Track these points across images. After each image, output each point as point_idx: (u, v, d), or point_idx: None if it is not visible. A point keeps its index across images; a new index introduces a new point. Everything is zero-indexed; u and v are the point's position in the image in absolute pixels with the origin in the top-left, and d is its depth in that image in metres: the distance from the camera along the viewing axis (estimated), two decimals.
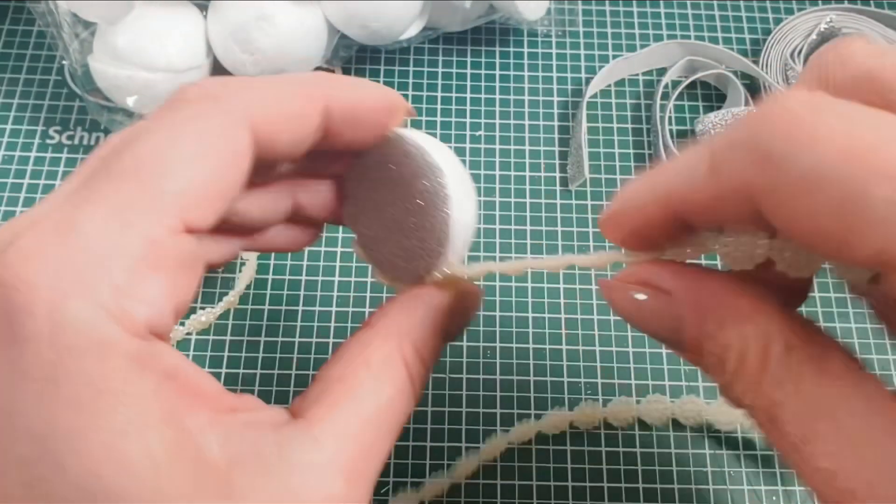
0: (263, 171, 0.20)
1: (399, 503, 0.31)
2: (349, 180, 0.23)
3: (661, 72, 0.42)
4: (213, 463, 0.16)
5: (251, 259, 0.35)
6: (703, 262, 0.19)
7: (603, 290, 0.19)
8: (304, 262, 0.36)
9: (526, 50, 0.42)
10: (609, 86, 0.42)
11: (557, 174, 0.39)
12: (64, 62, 0.37)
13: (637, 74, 0.42)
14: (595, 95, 0.41)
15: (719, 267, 0.19)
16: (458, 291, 0.21)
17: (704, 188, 0.16)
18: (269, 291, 0.36)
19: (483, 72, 0.42)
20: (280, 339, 0.35)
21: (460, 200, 0.20)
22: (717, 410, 0.33)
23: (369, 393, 0.18)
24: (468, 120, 0.40)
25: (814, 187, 0.13)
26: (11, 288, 0.15)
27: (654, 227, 0.18)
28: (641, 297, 0.18)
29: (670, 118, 0.40)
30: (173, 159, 0.17)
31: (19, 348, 0.15)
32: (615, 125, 0.41)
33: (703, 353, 0.17)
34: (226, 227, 0.20)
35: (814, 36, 0.41)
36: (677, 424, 0.33)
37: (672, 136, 0.40)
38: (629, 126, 0.41)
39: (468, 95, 0.41)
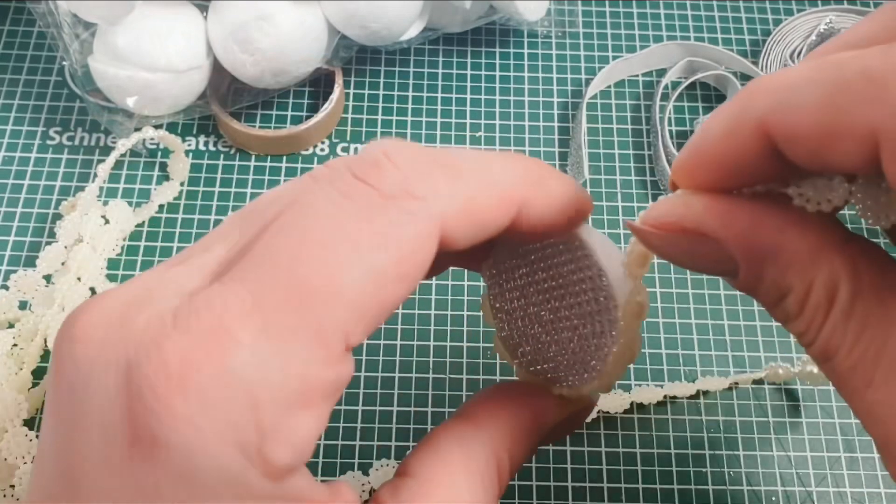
0: None
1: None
2: (498, 259, 0.21)
3: (661, 73, 0.42)
4: None
5: None
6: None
7: (638, 236, 0.17)
8: None
9: (526, 51, 0.43)
10: (609, 86, 0.42)
11: None
12: (64, 63, 0.37)
13: (637, 75, 0.42)
14: (595, 96, 0.41)
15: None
16: (576, 409, 0.20)
17: (816, 119, 0.14)
18: None
19: (483, 72, 0.42)
20: None
21: (630, 326, 0.18)
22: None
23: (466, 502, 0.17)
24: (468, 121, 0.40)
25: None
26: (151, 412, 0.13)
27: (741, 159, 0.15)
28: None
29: (670, 119, 0.40)
30: (352, 282, 0.14)
31: (152, 472, 0.14)
32: (615, 126, 0.41)
33: (758, 293, 0.16)
34: None
35: (813, 37, 0.41)
36: (678, 425, 0.33)
37: (672, 137, 0.40)
38: (629, 127, 0.41)
39: (468, 96, 0.41)
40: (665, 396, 0.33)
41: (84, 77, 0.36)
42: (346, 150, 0.39)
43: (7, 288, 0.34)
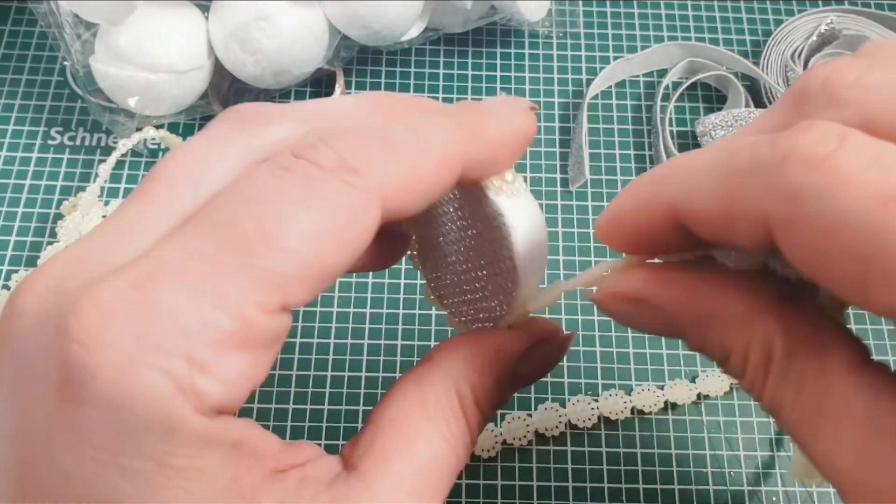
0: None
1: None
2: (418, 220, 0.21)
3: (662, 73, 0.42)
4: None
5: None
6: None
7: (597, 305, 0.19)
8: None
9: (527, 51, 0.43)
10: (610, 87, 0.42)
11: (558, 175, 0.39)
12: (65, 63, 0.37)
13: (638, 76, 0.42)
14: (596, 96, 0.41)
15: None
16: (531, 333, 0.20)
17: (715, 204, 0.15)
18: None
19: (484, 73, 0.42)
20: None
21: (528, 245, 0.18)
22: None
23: (425, 440, 0.17)
24: None
25: (840, 230, 0.13)
26: (79, 343, 0.14)
27: (654, 234, 0.17)
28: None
29: (671, 119, 0.40)
30: (291, 235, 0.15)
31: (80, 409, 0.14)
32: (616, 126, 0.41)
33: (706, 353, 0.17)
34: None
35: (814, 37, 0.41)
36: (678, 425, 0.33)
37: (673, 137, 0.40)
38: (630, 127, 0.41)
39: (469, 97, 0.41)
40: (666, 402, 0.33)
41: (85, 77, 0.36)
42: None
43: (8, 288, 0.34)
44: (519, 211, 0.18)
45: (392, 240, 0.22)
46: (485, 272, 0.20)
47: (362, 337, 0.35)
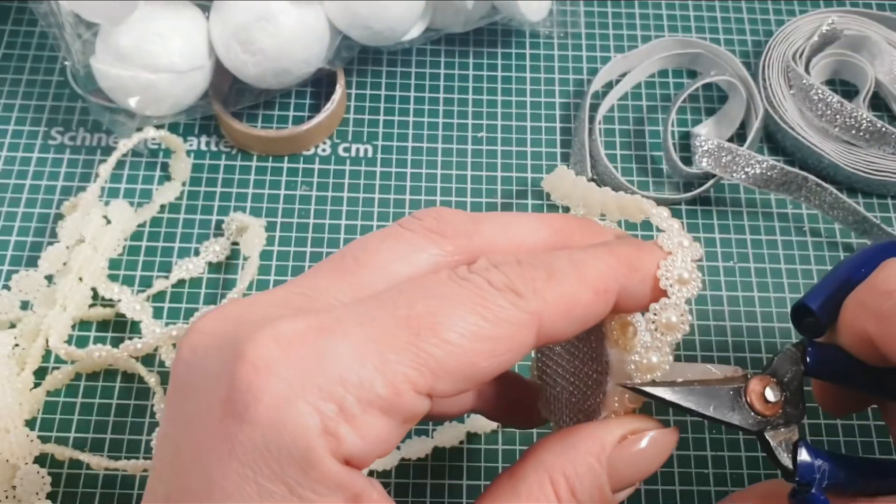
0: None
1: (414, 445, 0.32)
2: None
3: (663, 73, 0.42)
4: None
5: (253, 258, 0.35)
6: None
7: None
8: (307, 263, 0.36)
9: (528, 51, 0.42)
10: (610, 82, 0.42)
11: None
12: (66, 63, 0.37)
13: (639, 82, 0.42)
14: (596, 94, 0.41)
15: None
16: (624, 422, 0.20)
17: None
18: None
19: (485, 73, 0.42)
20: None
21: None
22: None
23: None
24: (470, 121, 0.40)
25: None
26: (251, 366, 0.16)
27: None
28: None
29: (673, 120, 0.39)
30: (456, 332, 0.17)
31: (237, 426, 0.16)
32: (617, 126, 0.41)
33: None
34: None
35: (815, 38, 0.41)
36: (680, 426, 0.33)
37: (674, 138, 0.40)
38: (631, 128, 0.41)
39: (470, 97, 0.41)
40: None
41: (86, 77, 0.36)
42: (347, 150, 0.39)
43: (9, 288, 0.34)
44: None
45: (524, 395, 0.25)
46: (589, 388, 0.21)
47: None
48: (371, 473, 0.32)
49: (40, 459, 0.31)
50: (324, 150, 0.39)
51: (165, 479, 0.17)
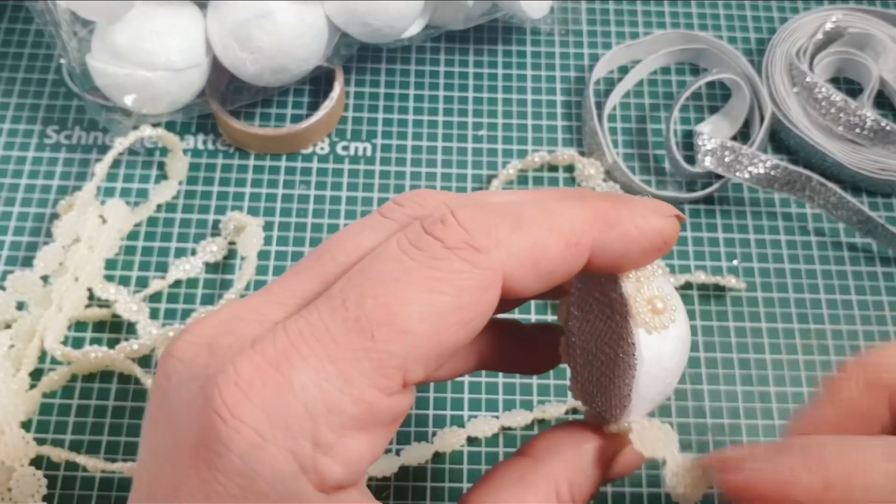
0: None
1: (414, 452, 0.31)
2: (572, 296, 0.22)
3: (666, 70, 0.42)
4: None
5: (250, 257, 0.35)
6: None
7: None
8: None
9: (529, 48, 0.42)
10: (612, 78, 0.41)
11: (561, 174, 0.39)
12: (62, 61, 0.37)
13: (642, 79, 0.41)
14: (598, 82, 0.41)
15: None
16: (626, 445, 0.20)
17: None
18: None
19: (485, 70, 0.41)
20: None
21: (658, 358, 0.19)
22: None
23: None
24: (470, 119, 0.40)
25: None
26: (219, 416, 0.15)
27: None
28: None
29: (675, 119, 0.39)
30: (413, 320, 0.16)
31: (211, 474, 0.15)
32: (619, 125, 0.40)
33: None
34: None
35: (819, 35, 0.41)
36: (682, 428, 0.33)
37: (676, 136, 0.39)
38: (633, 126, 0.40)
39: (470, 94, 0.41)
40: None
41: (82, 75, 0.36)
42: (346, 148, 0.39)
43: (4, 288, 0.33)
44: (653, 344, 0.19)
45: (538, 346, 0.23)
46: (615, 371, 0.20)
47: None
48: (371, 479, 0.31)
49: (36, 461, 0.31)
50: (322, 149, 0.39)
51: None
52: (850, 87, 0.42)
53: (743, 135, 0.40)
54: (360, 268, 0.17)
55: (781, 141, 0.40)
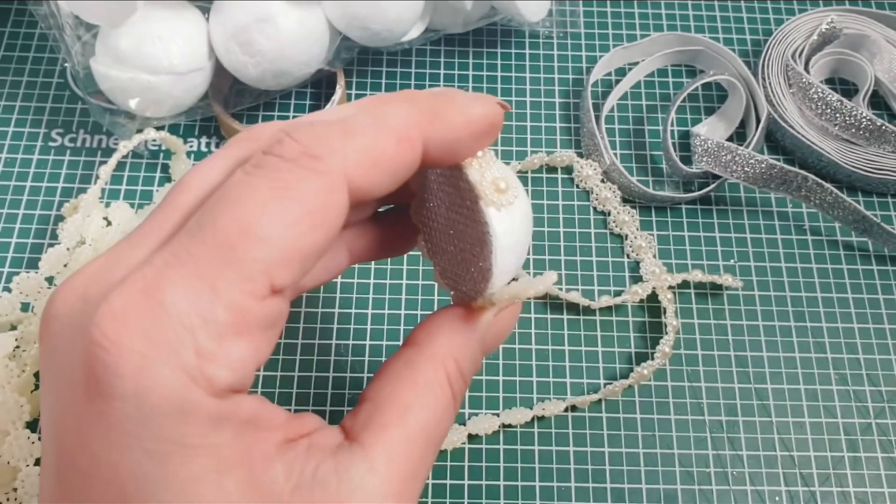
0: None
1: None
2: (422, 181, 0.23)
3: (663, 72, 0.42)
4: (278, 492, 0.17)
5: None
6: None
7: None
8: None
9: (527, 51, 0.42)
10: (610, 79, 0.42)
11: (560, 175, 0.39)
12: (66, 65, 0.37)
13: (639, 80, 0.42)
14: (595, 85, 0.41)
15: None
16: (499, 310, 0.22)
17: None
18: None
19: (485, 73, 0.42)
20: (283, 340, 0.35)
21: (509, 231, 0.20)
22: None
23: (416, 414, 0.19)
24: None
25: None
26: (101, 347, 0.16)
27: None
28: None
29: (672, 120, 0.39)
30: (267, 226, 0.16)
31: (107, 403, 0.16)
32: (617, 126, 0.41)
33: None
34: None
35: (815, 37, 0.41)
36: (681, 425, 0.33)
37: (673, 137, 0.40)
38: (630, 127, 0.41)
39: None
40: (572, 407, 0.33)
41: (86, 79, 0.36)
42: None
43: (10, 290, 0.34)
44: (504, 219, 0.20)
45: (397, 228, 0.24)
46: (473, 252, 0.21)
47: (359, 322, 0.35)
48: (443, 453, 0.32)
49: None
50: None
51: (53, 462, 0.17)
52: (846, 88, 0.42)
53: (739, 135, 0.40)
54: (212, 199, 0.17)
55: (777, 141, 0.40)
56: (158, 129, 0.36)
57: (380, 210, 0.25)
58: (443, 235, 0.23)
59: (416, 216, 0.24)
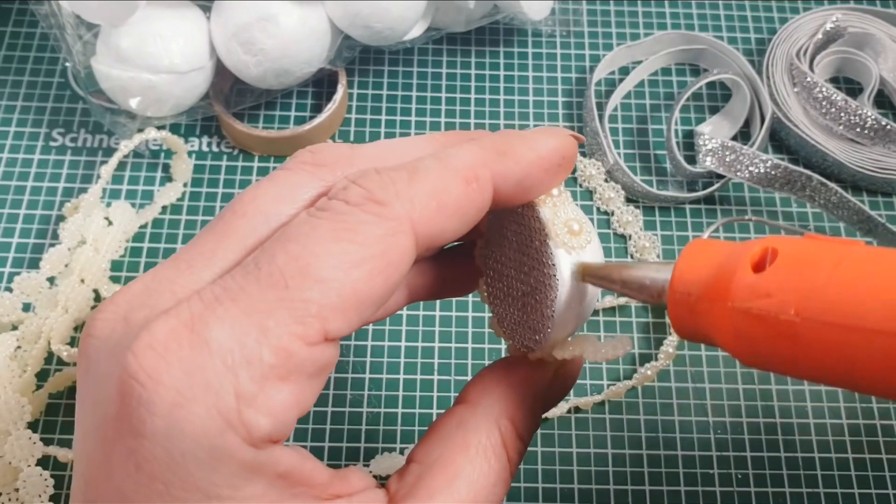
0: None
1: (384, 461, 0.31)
2: (490, 221, 0.22)
3: (667, 71, 0.42)
4: None
5: None
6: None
7: None
8: None
9: (530, 50, 0.42)
10: (613, 78, 0.41)
11: None
12: (67, 64, 0.37)
13: (643, 80, 0.42)
14: (599, 84, 0.41)
15: None
16: (560, 366, 0.21)
17: None
18: None
19: (487, 72, 0.42)
20: None
21: (575, 282, 0.19)
22: None
23: (467, 480, 0.18)
24: (472, 121, 0.40)
25: None
26: (137, 381, 0.15)
27: None
28: None
29: (676, 119, 0.39)
30: (324, 266, 0.16)
31: (136, 441, 0.15)
32: (620, 125, 0.40)
33: None
34: None
35: (819, 35, 0.41)
36: (684, 426, 0.33)
37: (677, 136, 0.40)
38: (634, 126, 0.41)
39: (472, 96, 0.41)
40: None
41: (87, 78, 0.36)
42: None
43: (11, 290, 0.34)
44: (573, 264, 0.19)
45: (459, 268, 0.23)
46: (535, 297, 0.20)
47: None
48: (376, 477, 0.32)
49: (43, 462, 0.31)
50: None
51: (81, 488, 0.17)
52: (850, 87, 0.42)
53: (743, 134, 0.40)
54: (272, 238, 0.17)
55: (782, 140, 0.40)
56: (159, 128, 0.36)
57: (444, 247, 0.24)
58: (505, 279, 0.21)
59: (479, 257, 0.22)
